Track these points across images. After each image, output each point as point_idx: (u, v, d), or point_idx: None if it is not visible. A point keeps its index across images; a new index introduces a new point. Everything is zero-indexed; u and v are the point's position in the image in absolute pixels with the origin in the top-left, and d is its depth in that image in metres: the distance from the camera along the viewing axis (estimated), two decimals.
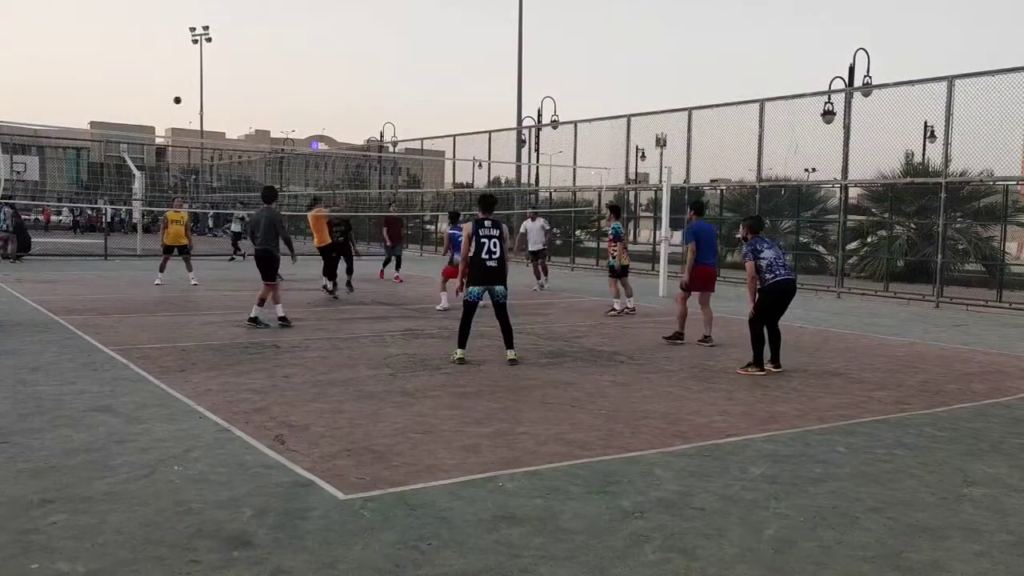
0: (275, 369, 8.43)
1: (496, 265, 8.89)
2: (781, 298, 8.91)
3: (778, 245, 9.30)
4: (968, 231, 20.47)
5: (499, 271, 8.93)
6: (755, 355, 8.75)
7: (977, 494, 5.09)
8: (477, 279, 8.93)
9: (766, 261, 8.80)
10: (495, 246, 8.90)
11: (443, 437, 6.03)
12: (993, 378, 8.97)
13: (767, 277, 8.79)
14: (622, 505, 4.71)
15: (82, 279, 18.38)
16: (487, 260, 8.87)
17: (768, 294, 8.82)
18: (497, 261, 8.90)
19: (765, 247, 8.90)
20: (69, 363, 8.55)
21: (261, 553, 3.95)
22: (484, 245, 8.86)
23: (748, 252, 8.93)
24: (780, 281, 8.81)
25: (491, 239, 8.89)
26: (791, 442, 6.16)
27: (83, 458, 5.36)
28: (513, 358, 8.98)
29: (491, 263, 8.87)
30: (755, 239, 8.98)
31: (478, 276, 8.92)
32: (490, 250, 8.87)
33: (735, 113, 21.31)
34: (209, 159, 58.89)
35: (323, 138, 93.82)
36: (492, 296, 9.01)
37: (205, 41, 58.40)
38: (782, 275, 8.82)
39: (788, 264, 9.17)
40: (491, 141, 29.84)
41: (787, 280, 8.89)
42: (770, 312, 8.92)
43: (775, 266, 8.80)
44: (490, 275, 8.91)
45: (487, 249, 8.87)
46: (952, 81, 16.41)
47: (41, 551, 3.92)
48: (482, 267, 8.87)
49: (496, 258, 8.89)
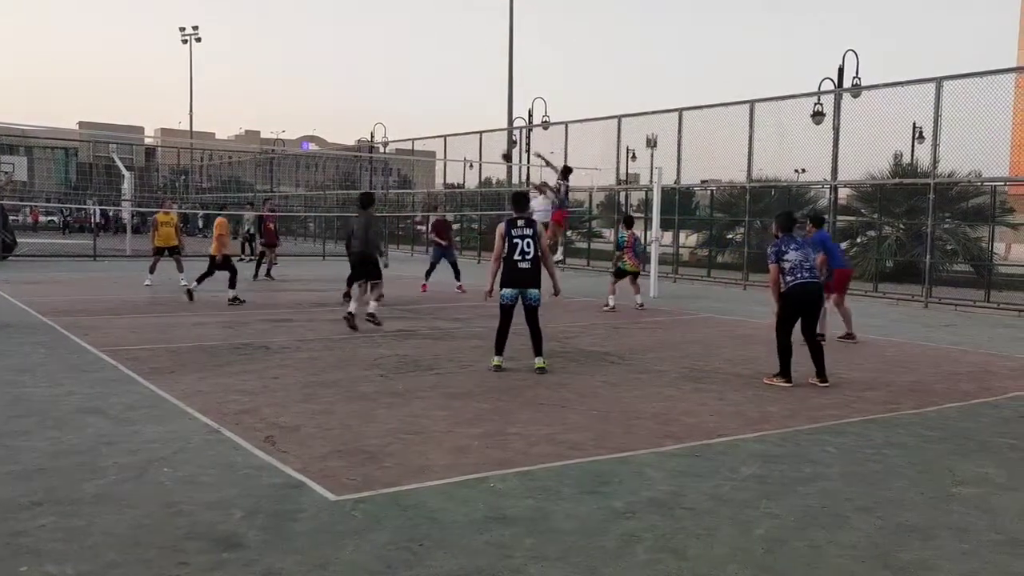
0: (265, 370, 8.41)
1: (529, 266, 8.54)
2: (803, 303, 8.33)
3: (809, 246, 8.76)
4: (957, 232, 20.60)
5: (533, 272, 8.58)
6: (781, 365, 8.26)
7: (966, 493, 5.11)
8: (510, 281, 8.60)
9: (789, 264, 8.28)
10: (528, 246, 8.55)
11: (434, 438, 6.02)
12: (982, 378, 9.01)
13: (787, 280, 8.28)
14: (613, 505, 4.72)
15: (71, 280, 18.29)
16: (520, 261, 8.53)
17: (788, 299, 8.33)
18: (531, 262, 8.55)
19: (792, 248, 8.35)
20: (58, 364, 8.50)
21: (251, 555, 3.94)
22: (517, 245, 8.53)
23: (772, 254, 8.43)
24: (799, 284, 8.24)
25: (524, 239, 8.56)
26: (781, 442, 6.18)
27: (72, 460, 5.33)
28: (542, 366, 8.59)
29: (524, 264, 8.53)
30: (784, 238, 8.47)
31: (511, 278, 8.59)
32: (523, 251, 8.53)
33: (725, 114, 21.38)
34: (199, 160, 58.70)
35: (314, 139, 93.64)
36: (524, 299, 8.64)
37: (195, 41, 58.26)
38: (803, 278, 8.23)
39: (815, 267, 8.53)
40: (482, 142, 29.82)
41: (807, 283, 8.26)
42: (793, 319, 8.37)
43: (797, 268, 8.27)
44: (523, 277, 8.56)
45: (520, 250, 8.53)
46: (940, 82, 16.49)
47: (29, 554, 3.90)
48: (515, 268, 8.55)
49: (530, 259, 8.54)
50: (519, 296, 8.62)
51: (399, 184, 41.39)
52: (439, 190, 35.43)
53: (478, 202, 31.81)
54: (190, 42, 58.21)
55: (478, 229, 32.69)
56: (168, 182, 55.37)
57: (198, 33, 58.18)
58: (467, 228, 34.04)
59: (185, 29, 58.37)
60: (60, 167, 49.35)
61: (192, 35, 58.17)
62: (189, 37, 58.11)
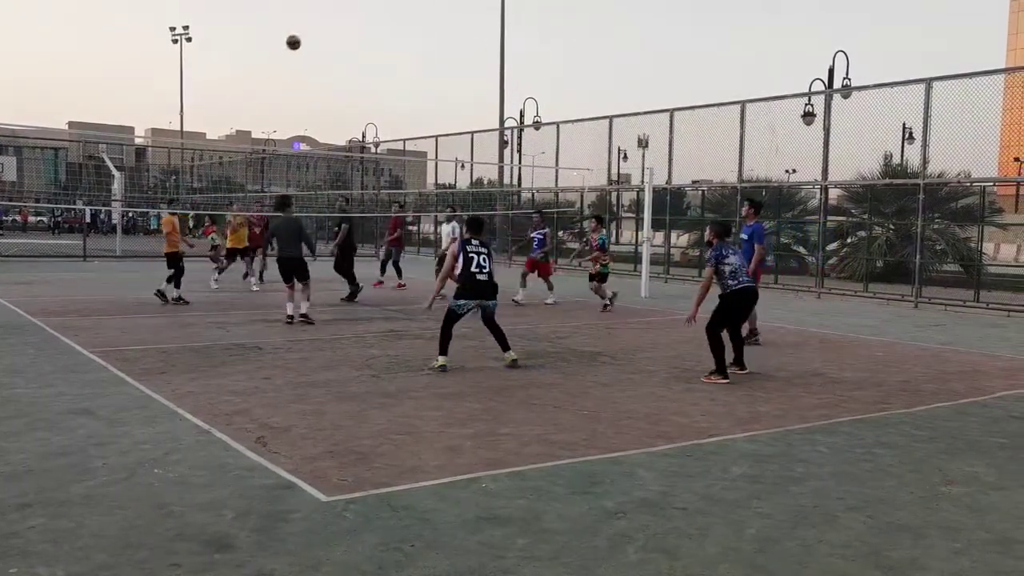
0: (256, 371, 8.38)
1: (486, 279, 8.94)
2: (743, 304, 8.90)
3: (740, 253, 9.34)
4: (946, 232, 20.68)
5: (490, 284, 8.97)
6: (716, 363, 8.54)
7: (956, 493, 5.14)
8: (469, 293, 8.90)
9: (730, 267, 8.75)
10: (484, 260, 8.98)
11: (426, 438, 6.02)
12: (971, 377, 9.06)
13: (730, 283, 8.73)
14: (605, 505, 4.72)
15: (61, 280, 18.20)
16: (477, 274, 8.89)
17: (728, 300, 8.76)
18: (487, 275, 8.96)
19: (731, 253, 8.89)
20: (47, 365, 8.46)
21: (243, 556, 3.93)
22: (474, 259, 8.93)
23: (712, 257, 8.89)
24: (743, 288, 8.77)
25: (480, 255, 8.98)
26: (772, 442, 6.19)
27: (62, 461, 5.30)
28: (514, 358, 8.93)
29: (481, 276, 8.91)
30: (721, 244, 8.95)
31: (470, 290, 8.90)
32: (480, 264, 8.93)
33: (716, 114, 21.41)
34: (190, 160, 58.45)
35: (305, 139, 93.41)
36: (483, 309, 9.02)
37: (185, 41, 58.05)
38: (745, 282, 8.82)
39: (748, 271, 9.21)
40: (473, 142, 29.80)
41: (749, 287, 8.90)
42: (731, 318, 8.88)
43: (739, 273, 8.78)
44: (481, 289, 8.90)
45: (477, 263, 8.92)
46: (930, 83, 16.56)
47: (19, 555, 3.88)
48: (473, 280, 8.88)
49: (486, 272, 8.95)
50: (477, 306, 9.02)
51: (390, 184, 41.30)
52: (430, 190, 35.39)
53: (469, 202, 31.79)
54: (180, 42, 58.01)
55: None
56: (159, 182, 55.11)
57: (188, 33, 57.99)
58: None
59: (176, 29, 58.20)
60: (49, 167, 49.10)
61: (183, 35, 57.97)
62: (179, 37, 57.91)
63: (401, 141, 37.10)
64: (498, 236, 28.95)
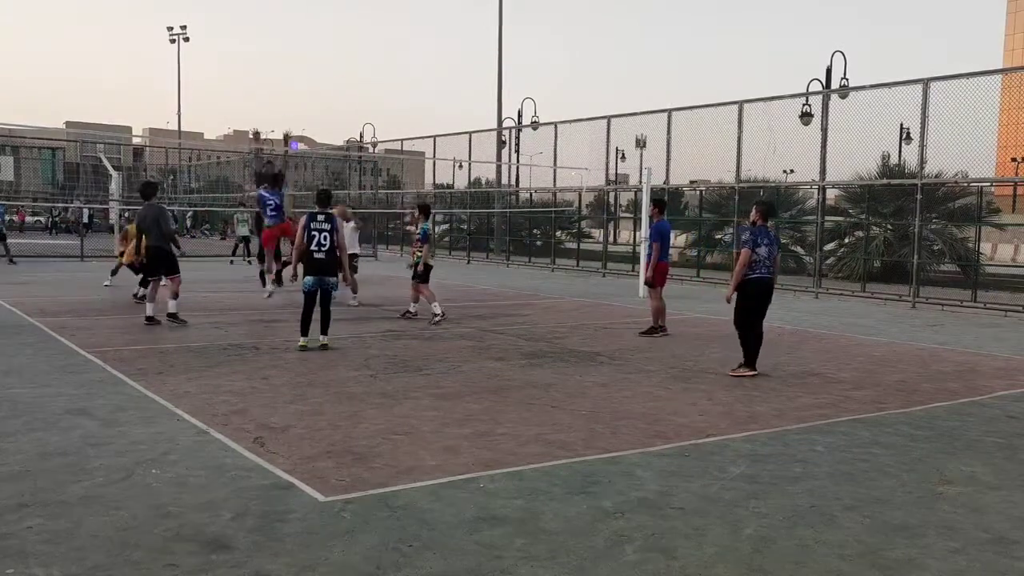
0: (254, 371, 8.38)
1: (324, 257, 9.52)
2: (759, 296, 8.68)
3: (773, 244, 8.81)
4: (943, 232, 20.71)
5: (328, 263, 9.57)
6: (745, 355, 8.49)
7: (953, 492, 5.14)
8: (309, 270, 9.59)
9: (758, 256, 8.52)
10: (325, 239, 9.53)
11: (424, 438, 6.02)
12: (968, 377, 9.07)
13: (749, 273, 8.55)
14: (603, 505, 4.72)
15: (58, 281, 18.17)
16: (315, 252, 9.51)
17: (746, 291, 8.61)
18: (325, 253, 9.52)
19: (765, 242, 8.59)
20: (44, 365, 8.45)
21: (240, 556, 3.92)
22: (315, 238, 9.54)
23: (748, 240, 8.58)
24: (756, 279, 8.58)
25: (321, 232, 9.55)
26: (770, 441, 6.20)
27: (59, 461, 5.30)
28: (325, 343, 9.68)
29: (319, 255, 9.51)
30: (760, 228, 8.66)
31: (309, 267, 9.59)
32: (320, 243, 9.51)
33: (714, 114, 21.43)
34: (187, 160, 58.38)
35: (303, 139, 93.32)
36: (322, 286, 9.61)
37: (183, 41, 58.06)
38: (761, 273, 8.60)
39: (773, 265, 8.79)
40: (471, 142, 29.80)
41: (764, 279, 8.64)
42: (752, 314, 8.69)
43: (760, 264, 8.56)
44: (319, 266, 9.55)
45: (317, 242, 9.52)
46: (927, 83, 16.58)
47: (16, 556, 3.87)
48: (311, 258, 9.52)
49: (325, 250, 9.51)
50: (318, 283, 9.60)
51: (388, 184, 41.30)
52: (428, 190, 35.38)
53: (468, 202, 31.80)
54: (178, 41, 58.03)
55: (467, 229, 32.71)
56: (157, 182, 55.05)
57: (186, 33, 57.99)
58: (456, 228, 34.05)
59: (173, 29, 58.21)
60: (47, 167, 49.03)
61: (180, 35, 57.99)
62: (177, 37, 57.95)
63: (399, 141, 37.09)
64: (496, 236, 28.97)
